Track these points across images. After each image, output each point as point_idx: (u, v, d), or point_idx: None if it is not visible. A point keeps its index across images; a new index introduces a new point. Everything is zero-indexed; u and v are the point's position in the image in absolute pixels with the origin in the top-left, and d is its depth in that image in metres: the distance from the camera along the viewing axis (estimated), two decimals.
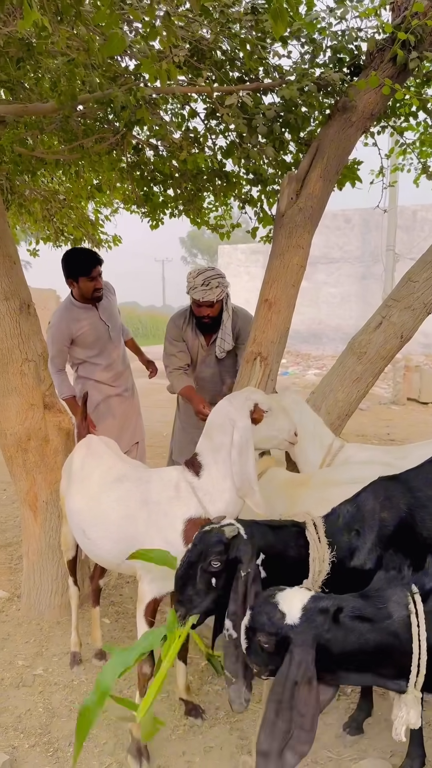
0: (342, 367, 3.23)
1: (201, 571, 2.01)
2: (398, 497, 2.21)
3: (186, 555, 2.05)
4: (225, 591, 2.02)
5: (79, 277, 3.81)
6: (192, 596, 2.02)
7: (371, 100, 3.41)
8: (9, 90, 3.59)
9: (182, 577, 2.04)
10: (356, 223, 19.58)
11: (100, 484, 2.59)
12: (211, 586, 2.02)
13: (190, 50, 3.29)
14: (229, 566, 2.02)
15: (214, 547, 2.02)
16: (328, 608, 1.75)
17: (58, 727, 2.53)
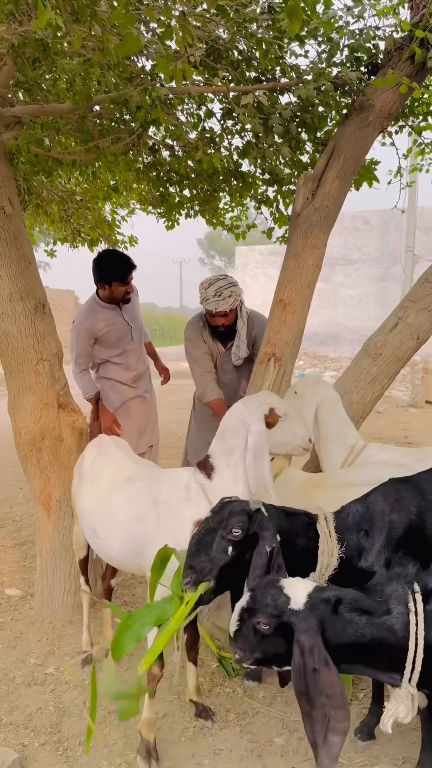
0: (357, 369, 3.20)
1: (219, 537, 2.00)
2: (408, 499, 2.20)
3: (205, 521, 2.04)
4: (235, 566, 2.01)
5: (113, 282, 3.80)
6: (204, 562, 2.00)
7: (389, 99, 3.37)
8: (27, 91, 3.61)
9: (199, 542, 2.02)
10: (375, 224, 19.47)
11: (110, 483, 2.59)
12: (225, 554, 2.00)
13: (207, 50, 3.28)
14: (247, 539, 2.01)
15: (237, 516, 2.02)
16: (329, 598, 1.77)
17: (69, 726, 2.54)
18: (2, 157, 3.06)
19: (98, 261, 3.88)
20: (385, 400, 11.97)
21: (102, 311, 3.91)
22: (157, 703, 2.65)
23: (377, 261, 19.55)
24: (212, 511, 2.06)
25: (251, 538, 2.01)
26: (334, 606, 1.76)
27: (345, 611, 1.75)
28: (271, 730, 2.50)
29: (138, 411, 4.16)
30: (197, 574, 1.99)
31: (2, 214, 3.03)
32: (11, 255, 3.08)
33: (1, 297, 3.12)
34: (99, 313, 3.90)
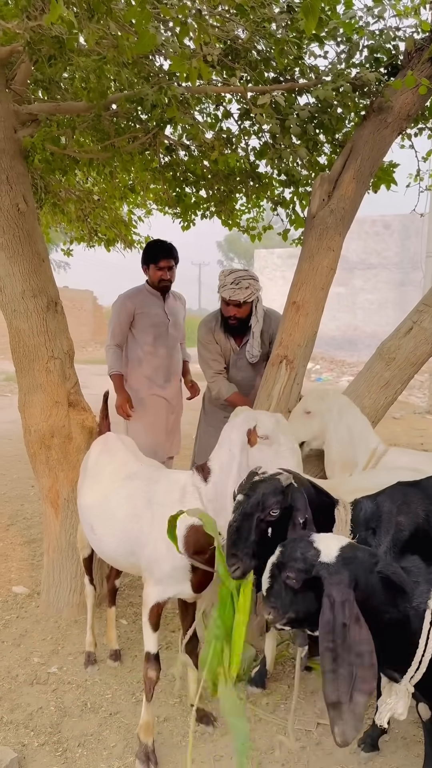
0: (370, 373, 3.15)
1: (258, 521, 1.98)
2: (416, 503, 2.19)
3: (239, 507, 2.01)
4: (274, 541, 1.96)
5: (150, 264, 4.05)
6: (247, 549, 1.97)
7: (408, 100, 3.32)
8: (44, 89, 3.62)
9: (238, 529, 1.98)
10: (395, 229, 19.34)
11: (111, 480, 2.58)
12: (266, 536, 1.98)
13: (225, 49, 3.26)
14: (284, 515, 2.00)
15: (272, 496, 1.99)
16: (364, 557, 1.72)
17: (69, 726, 2.52)
18: (18, 155, 3.06)
19: (146, 245, 4.26)
20: (402, 407, 11.85)
21: (146, 294, 4.11)
22: (158, 707, 2.63)
23: (397, 266, 19.42)
24: (244, 494, 2.03)
25: (287, 512, 2.00)
26: (372, 565, 1.71)
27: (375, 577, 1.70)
28: (273, 737, 2.46)
29: (155, 411, 4.12)
30: (243, 562, 1.96)
31: (16, 212, 3.03)
32: (24, 252, 3.08)
33: (14, 294, 3.12)
34: (143, 294, 4.10)
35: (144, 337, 4.08)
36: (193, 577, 2.31)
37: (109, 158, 3.73)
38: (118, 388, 3.97)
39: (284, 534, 1.99)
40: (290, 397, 3.33)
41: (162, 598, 2.33)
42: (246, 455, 2.22)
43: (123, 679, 2.86)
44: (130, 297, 4.09)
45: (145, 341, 4.08)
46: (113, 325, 4.09)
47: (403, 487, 2.24)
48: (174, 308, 4.20)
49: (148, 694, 2.32)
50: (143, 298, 4.09)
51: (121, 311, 4.06)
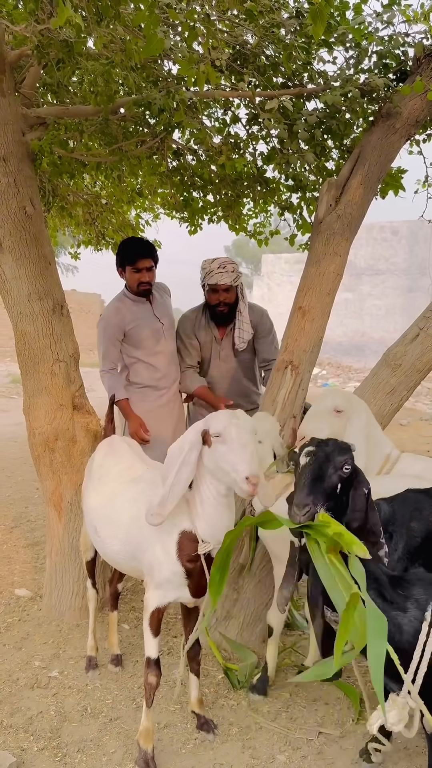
0: (375, 379, 3.13)
1: (332, 470, 1.95)
2: (428, 510, 2.17)
3: (311, 455, 1.98)
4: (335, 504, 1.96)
5: (126, 266, 3.63)
6: (319, 493, 1.92)
7: (416, 106, 3.31)
8: (53, 93, 3.63)
9: (313, 472, 1.95)
10: (404, 235, 19.30)
11: (116, 483, 2.58)
12: (334, 492, 1.95)
13: (233, 54, 3.26)
14: (349, 478, 1.98)
15: (346, 453, 1.99)
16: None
17: (69, 731, 2.50)
18: (25, 158, 3.06)
19: (118, 246, 3.81)
20: (409, 413, 11.80)
21: (130, 304, 3.71)
22: (159, 713, 2.61)
23: (405, 272, 19.38)
24: (314, 445, 2.01)
25: (350, 478, 1.99)
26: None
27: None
28: (274, 746, 2.44)
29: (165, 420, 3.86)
30: (315, 507, 1.91)
31: (23, 215, 3.03)
32: (31, 255, 3.08)
33: (20, 297, 3.12)
34: (127, 305, 3.70)
35: (141, 351, 3.71)
36: (190, 582, 2.29)
37: (116, 162, 3.74)
38: (128, 414, 3.63)
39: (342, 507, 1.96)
40: (295, 403, 3.31)
41: (162, 603, 2.31)
42: (196, 453, 2.20)
43: (124, 684, 2.85)
44: (114, 314, 3.68)
45: (144, 354, 3.72)
46: (103, 348, 3.67)
47: (414, 493, 2.24)
48: (163, 307, 3.82)
49: (148, 699, 2.30)
50: (128, 311, 3.68)
51: (108, 333, 3.65)
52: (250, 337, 3.86)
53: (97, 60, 2.89)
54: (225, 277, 3.65)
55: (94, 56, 2.83)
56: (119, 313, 3.68)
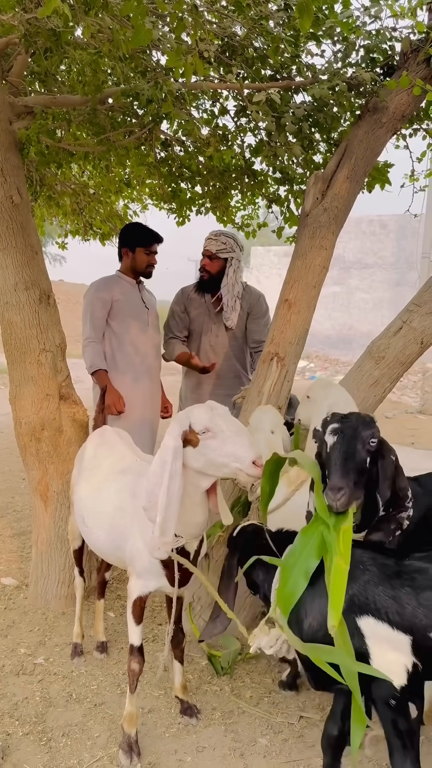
0: (359, 371, 3.17)
1: (360, 448, 1.91)
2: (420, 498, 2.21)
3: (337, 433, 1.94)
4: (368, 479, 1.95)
5: (137, 248, 3.78)
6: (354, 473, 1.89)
7: (403, 101, 3.34)
8: (41, 82, 3.61)
9: (345, 452, 1.90)
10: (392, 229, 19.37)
11: (106, 473, 2.59)
12: (365, 468, 1.92)
13: (221, 46, 3.27)
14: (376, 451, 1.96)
15: (370, 426, 1.96)
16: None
17: (54, 717, 2.54)
18: (12, 147, 3.06)
19: (125, 228, 3.95)
20: (395, 406, 11.90)
21: (121, 281, 3.81)
22: (143, 699, 2.65)
23: (393, 266, 19.46)
24: (338, 420, 1.96)
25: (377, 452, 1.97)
26: None
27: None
28: (256, 730, 2.49)
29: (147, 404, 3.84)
30: (350, 489, 1.86)
31: (10, 204, 3.03)
32: (17, 244, 3.08)
33: (6, 286, 3.12)
34: (118, 282, 3.80)
35: (124, 328, 3.73)
36: (167, 573, 2.28)
37: (104, 152, 3.73)
38: (108, 387, 3.58)
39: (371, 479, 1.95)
40: (280, 394, 3.34)
41: (143, 592, 2.34)
42: (180, 461, 2.07)
43: (109, 670, 2.88)
44: (103, 286, 3.74)
45: (124, 330, 3.73)
46: (88, 319, 3.68)
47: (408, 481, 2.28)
48: (150, 300, 3.94)
49: (131, 685, 2.34)
50: (117, 285, 3.77)
51: (95, 302, 3.68)
52: (237, 316, 3.96)
53: (85, 49, 2.88)
54: (212, 244, 3.82)
55: (81, 46, 2.82)
56: (108, 284, 3.76)
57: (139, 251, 3.79)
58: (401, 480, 2.03)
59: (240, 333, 4.07)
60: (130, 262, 3.82)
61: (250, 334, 4.07)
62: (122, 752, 2.28)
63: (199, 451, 2.07)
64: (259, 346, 4.01)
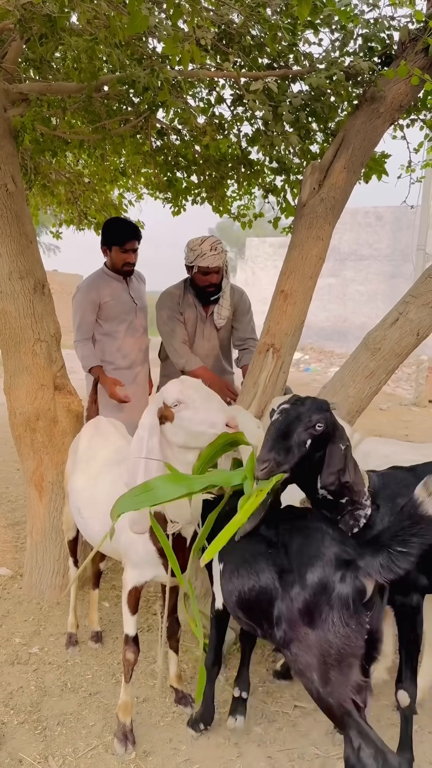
0: (355, 363, 3.16)
1: (302, 429, 1.96)
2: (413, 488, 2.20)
3: (282, 411, 1.99)
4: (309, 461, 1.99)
5: (112, 246, 3.80)
6: (282, 450, 1.94)
7: (401, 91, 3.32)
8: (36, 68, 3.58)
9: (279, 429, 1.96)
10: (388, 221, 19.32)
11: (101, 464, 2.59)
12: (304, 446, 1.96)
13: (218, 34, 3.24)
14: (322, 437, 2.00)
15: (320, 412, 1.99)
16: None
17: (49, 706, 2.54)
18: (7, 135, 3.03)
19: (104, 224, 3.97)
20: (389, 398, 11.93)
21: (108, 279, 3.86)
22: (138, 688, 2.66)
23: (388, 258, 19.43)
24: (289, 403, 2.02)
25: (325, 437, 2.00)
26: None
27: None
28: (250, 719, 2.50)
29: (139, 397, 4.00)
30: (276, 461, 1.93)
31: (4, 192, 3.00)
32: (12, 233, 3.06)
33: (1, 275, 3.10)
34: (105, 281, 3.85)
35: (112, 325, 3.86)
36: (164, 561, 2.29)
37: (99, 140, 3.71)
38: (102, 378, 3.69)
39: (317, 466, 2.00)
40: (276, 386, 3.34)
41: (139, 581, 2.34)
42: (157, 438, 2.13)
43: (103, 660, 2.89)
44: (91, 287, 3.83)
45: (113, 329, 3.86)
46: (78, 320, 3.81)
47: (400, 471, 2.28)
48: (138, 291, 4.00)
49: (126, 675, 2.34)
50: (105, 286, 3.84)
51: (84, 304, 3.80)
52: (228, 314, 3.91)
53: (81, 36, 2.85)
54: (217, 259, 3.67)
55: (77, 32, 2.79)
56: (97, 286, 3.81)
57: (115, 250, 3.80)
58: (353, 475, 2.05)
59: (226, 332, 4.02)
60: (109, 260, 3.86)
61: (236, 332, 4.03)
62: (117, 741, 2.29)
63: (176, 425, 2.12)
64: (244, 343, 4.02)
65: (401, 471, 2.32)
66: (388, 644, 2.87)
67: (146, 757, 2.27)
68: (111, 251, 3.82)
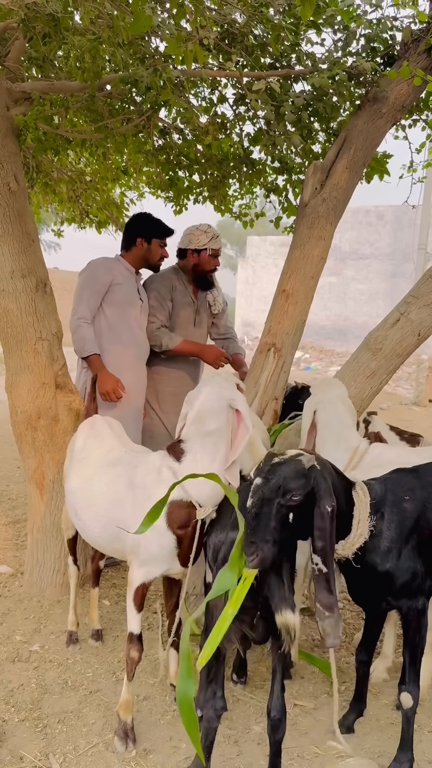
0: (356, 362, 3.17)
1: (278, 506, 1.91)
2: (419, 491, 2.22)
3: (258, 491, 1.94)
4: (296, 528, 1.96)
5: (153, 239, 3.72)
6: (267, 536, 1.89)
7: (403, 91, 3.33)
8: (38, 67, 3.58)
9: (257, 515, 1.91)
10: (389, 220, 19.32)
11: (95, 466, 2.58)
12: (287, 521, 1.92)
13: (221, 33, 3.24)
14: (307, 499, 1.95)
15: (294, 480, 1.93)
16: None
17: (50, 703, 2.55)
18: (9, 133, 3.03)
19: (142, 216, 3.81)
20: (389, 398, 11.94)
21: (122, 267, 3.69)
22: (138, 686, 2.67)
23: (389, 257, 19.43)
24: (263, 477, 1.95)
25: (309, 496, 1.96)
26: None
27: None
28: (250, 717, 2.51)
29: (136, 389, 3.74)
30: (262, 551, 1.88)
31: (7, 191, 3.00)
32: (14, 232, 3.06)
33: (3, 274, 3.10)
34: (118, 267, 3.68)
35: (118, 313, 3.59)
36: (180, 551, 2.31)
37: (102, 139, 3.71)
38: (101, 370, 3.43)
39: (308, 521, 1.96)
40: (277, 385, 3.35)
41: (148, 578, 2.35)
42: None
43: (104, 658, 2.90)
44: (106, 266, 3.61)
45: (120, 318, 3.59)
46: (86, 295, 3.50)
47: (405, 474, 2.28)
48: (144, 293, 3.82)
49: (129, 673, 2.35)
50: (119, 271, 3.65)
51: (95, 281, 3.53)
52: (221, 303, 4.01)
53: (84, 35, 2.85)
54: (219, 242, 3.80)
55: (80, 31, 2.79)
56: (110, 267, 3.63)
57: (155, 243, 3.73)
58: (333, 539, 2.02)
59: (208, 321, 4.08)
60: (143, 252, 3.73)
61: (218, 327, 4.11)
62: (118, 739, 2.29)
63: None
64: (227, 333, 4.13)
65: (404, 473, 2.32)
66: (389, 645, 2.89)
67: (147, 755, 2.27)
68: (150, 243, 3.71)
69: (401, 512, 2.18)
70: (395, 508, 2.19)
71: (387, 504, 2.20)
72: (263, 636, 2.05)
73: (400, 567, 2.15)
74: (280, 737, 2.07)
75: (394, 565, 2.15)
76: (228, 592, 1.95)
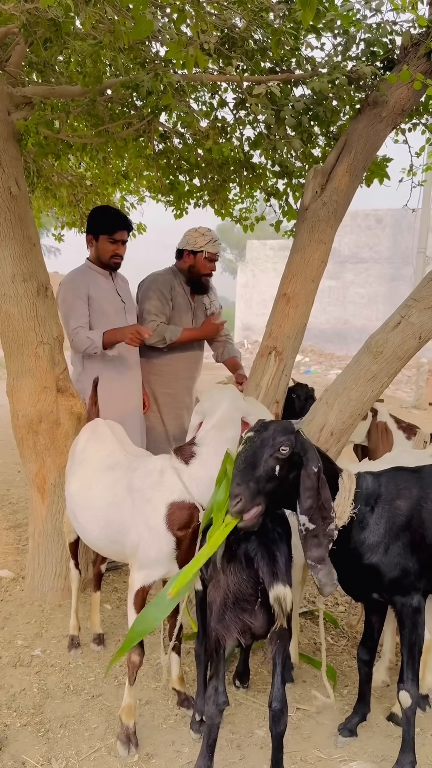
0: (357, 366, 3.17)
1: (267, 456, 1.96)
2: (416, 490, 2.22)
3: (248, 440, 2.00)
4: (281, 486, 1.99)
5: (99, 235, 3.48)
6: (252, 481, 1.93)
7: (403, 95, 3.33)
8: (39, 72, 3.59)
9: (246, 460, 1.96)
10: (388, 224, 19.38)
11: (94, 469, 2.59)
12: (273, 473, 1.96)
13: (222, 38, 3.25)
14: (292, 459, 1.99)
15: (284, 434, 1.99)
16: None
17: (51, 708, 2.54)
18: (11, 138, 3.04)
19: (91, 212, 3.64)
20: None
21: (94, 274, 3.54)
22: (140, 691, 2.66)
23: (388, 261, 19.47)
24: (254, 430, 2.02)
25: (295, 458, 2.00)
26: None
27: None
28: (253, 721, 2.51)
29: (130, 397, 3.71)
30: (245, 497, 1.91)
31: (8, 195, 3.01)
32: (15, 236, 3.07)
33: (4, 278, 3.11)
34: (90, 274, 3.54)
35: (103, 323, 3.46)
36: (179, 553, 2.31)
37: (102, 144, 3.72)
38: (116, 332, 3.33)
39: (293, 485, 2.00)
40: (278, 388, 3.35)
41: (147, 582, 2.35)
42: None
43: (106, 662, 2.89)
44: (77, 280, 3.47)
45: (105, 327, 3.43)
46: (74, 307, 3.39)
47: (405, 472, 2.28)
48: (124, 290, 3.69)
49: (131, 677, 2.34)
50: (92, 279, 3.50)
51: (74, 298, 3.41)
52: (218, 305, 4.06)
53: (85, 40, 2.86)
54: (218, 246, 3.82)
55: (81, 36, 2.80)
56: (83, 280, 3.49)
57: (102, 239, 3.48)
58: (324, 492, 2.05)
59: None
60: (94, 251, 3.55)
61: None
62: (120, 743, 2.29)
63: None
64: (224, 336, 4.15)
65: (404, 472, 2.32)
66: (387, 644, 2.88)
67: (149, 760, 2.27)
68: (98, 241, 3.49)
69: (393, 509, 2.19)
70: (387, 504, 2.20)
71: (379, 499, 2.21)
72: (264, 626, 2.05)
73: (386, 562, 2.17)
74: (281, 729, 2.07)
75: (380, 560, 2.17)
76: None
